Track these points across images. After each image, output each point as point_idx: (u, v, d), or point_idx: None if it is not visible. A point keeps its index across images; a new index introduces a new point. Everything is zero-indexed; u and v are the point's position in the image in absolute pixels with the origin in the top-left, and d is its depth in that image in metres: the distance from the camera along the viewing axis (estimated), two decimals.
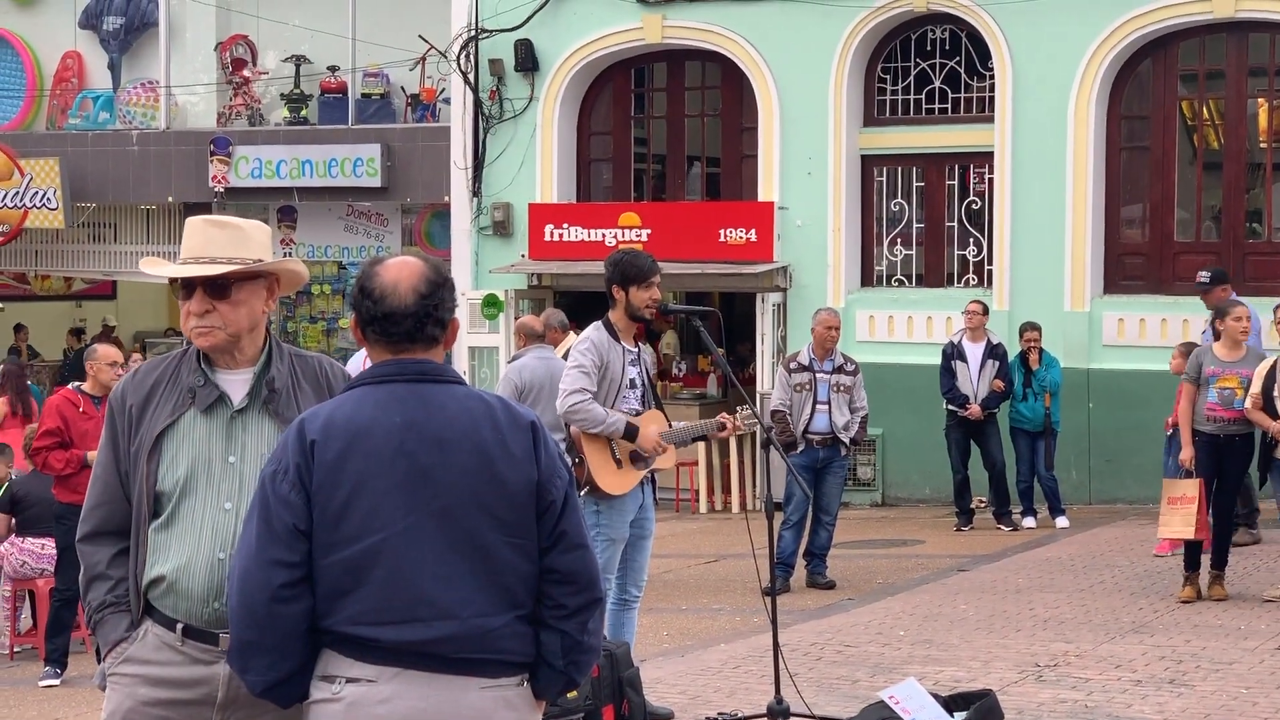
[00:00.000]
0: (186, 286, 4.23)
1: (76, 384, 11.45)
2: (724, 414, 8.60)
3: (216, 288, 4.21)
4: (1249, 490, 12.57)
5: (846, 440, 12.38)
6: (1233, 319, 11.16)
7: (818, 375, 12.34)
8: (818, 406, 12.29)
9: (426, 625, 3.70)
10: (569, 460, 5.18)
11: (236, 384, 4.24)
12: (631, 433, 7.95)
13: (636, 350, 8.12)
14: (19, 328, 24.74)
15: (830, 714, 7.86)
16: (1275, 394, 10.57)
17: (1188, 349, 12.16)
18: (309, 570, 3.72)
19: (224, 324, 4.20)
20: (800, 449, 12.18)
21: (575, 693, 7.04)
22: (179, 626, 4.11)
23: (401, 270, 3.87)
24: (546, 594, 3.82)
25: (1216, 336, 11.40)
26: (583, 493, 7.71)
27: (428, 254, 19.11)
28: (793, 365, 12.55)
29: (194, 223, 4.31)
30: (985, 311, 15.28)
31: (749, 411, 8.51)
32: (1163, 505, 11.21)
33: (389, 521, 3.72)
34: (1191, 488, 10.95)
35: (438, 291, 3.87)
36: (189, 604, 4.10)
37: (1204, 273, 14.03)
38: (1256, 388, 10.68)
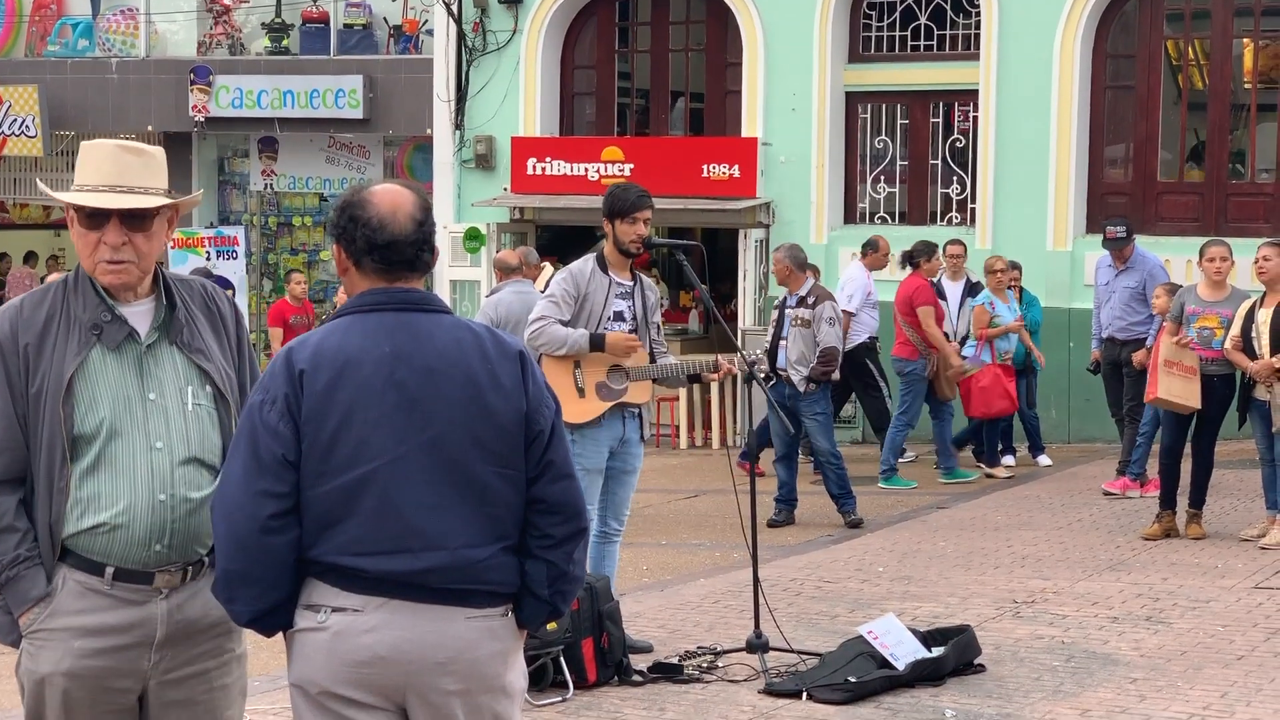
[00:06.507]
0: (95, 216, 4.00)
1: None
2: (721, 355, 8.51)
3: (135, 220, 4.00)
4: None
5: (795, 378, 11.98)
6: (1207, 259, 11.18)
7: (786, 310, 12.33)
8: (780, 342, 12.23)
9: (414, 556, 3.70)
10: None
11: (137, 317, 4.06)
12: (598, 341, 7.88)
13: (630, 284, 8.05)
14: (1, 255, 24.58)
15: (809, 648, 7.91)
16: (1253, 335, 10.59)
17: (1172, 289, 12.16)
18: (297, 500, 3.71)
19: (138, 257, 4.01)
20: (772, 383, 12.02)
21: (555, 625, 7.07)
22: (108, 570, 3.95)
23: (397, 197, 3.83)
24: (533, 524, 3.83)
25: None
26: None
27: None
28: (775, 302, 12.65)
29: (104, 146, 4.08)
30: (965, 251, 15.26)
31: (747, 357, 8.36)
32: (1159, 366, 10.98)
33: (379, 452, 3.70)
34: (1192, 358, 10.85)
35: (429, 218, 3.87)
36: (126, 548, 3.95)
37: (1119, 227, 13.82)
38: (1236, 329, 10.70)
